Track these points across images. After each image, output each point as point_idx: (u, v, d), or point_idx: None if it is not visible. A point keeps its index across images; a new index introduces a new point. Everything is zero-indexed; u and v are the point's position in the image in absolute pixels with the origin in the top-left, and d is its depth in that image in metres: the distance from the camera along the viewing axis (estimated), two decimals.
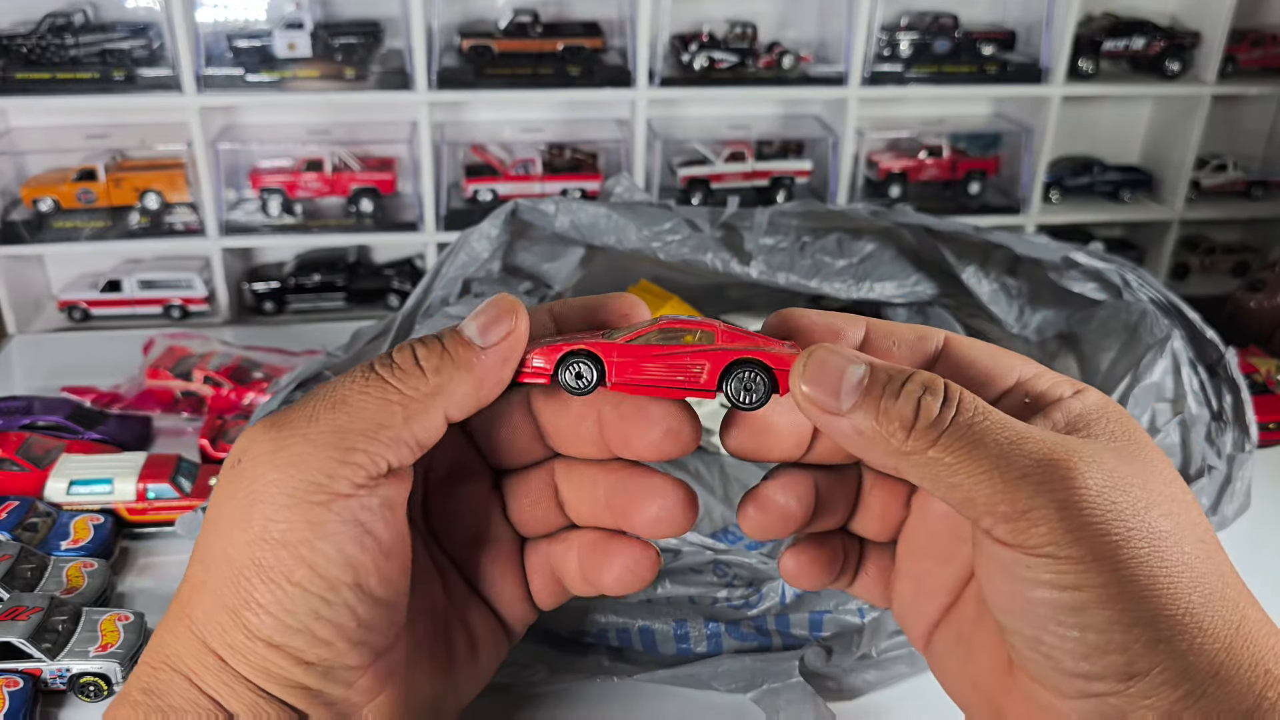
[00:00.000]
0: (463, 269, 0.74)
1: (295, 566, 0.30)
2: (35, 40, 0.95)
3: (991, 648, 0.32)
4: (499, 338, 0.32)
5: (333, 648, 0.31)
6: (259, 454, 0.31)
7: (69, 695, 0.54)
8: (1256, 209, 1.21)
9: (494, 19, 1.05)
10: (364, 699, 0.33)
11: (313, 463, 0.30)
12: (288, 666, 0.31)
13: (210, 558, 0.31)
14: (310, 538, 0.30)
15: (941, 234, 0.76)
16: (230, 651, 0.31)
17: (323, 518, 0.30)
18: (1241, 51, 1.13)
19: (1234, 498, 0.64)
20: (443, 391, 0.31)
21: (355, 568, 0.31)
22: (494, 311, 0.32)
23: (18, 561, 0.59)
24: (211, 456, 0.74)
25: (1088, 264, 0.72)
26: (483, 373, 0.32)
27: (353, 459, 0.30)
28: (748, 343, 0.32)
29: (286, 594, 0.30)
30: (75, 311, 1.03)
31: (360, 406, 0.31)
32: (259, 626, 0.30)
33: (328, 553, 0.30)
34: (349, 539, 0.31)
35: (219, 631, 0.31)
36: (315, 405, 0.31)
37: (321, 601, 0.30)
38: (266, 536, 0.30)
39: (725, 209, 0.76)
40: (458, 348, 0.32)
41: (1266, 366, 0.84)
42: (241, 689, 0.31)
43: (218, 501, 0.31)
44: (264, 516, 0.30)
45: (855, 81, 1.06)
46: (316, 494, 0.30)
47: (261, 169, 1.05)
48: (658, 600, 0.55)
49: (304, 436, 0.30)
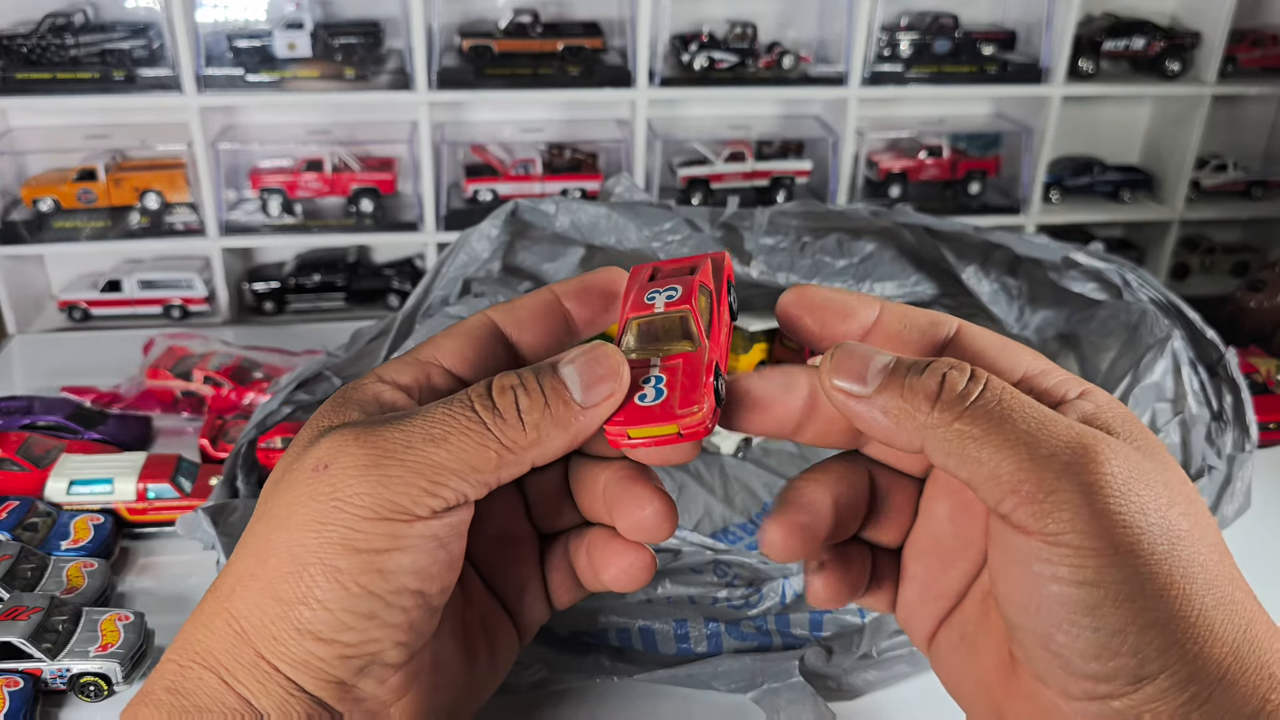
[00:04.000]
0: (463, 269, 0.74)
1: (365, 571, 0.30)
2: (35, 40, 0.95)
3: (994, 647, 0.32)
4: (600, 399, 0.32)
5: (380, 644, 0.31)
6: (350, 465, 0.31)
7: (69, 695, 0.54)
8: (1256, 209, 1.21)
9: (494, 19, 1.05)
10: (393, 697, 0.33)
11: (402, 487, 0.30)
12: (329, 660, 0.31)
13: (268, 552, 0.31)
14: (388, 548, 0.30)
15: (942, 234, 0.76)
16: (272, 643, 0.31)
17: (404, 533, 0.31)
18: (1242, 51, 1.13)
19: (1234, 498, 0.64)
20: (537, 446, 0.32)
21: (423, 577, 0.31)
22: (600, 370, 0.32)
23: (18, 561, 0.59)
24: (212, 456, 0.74)
25: (1088, 264, 0.71)
26: (578, 432, 0.32)
27: (440, 493, 0.31)
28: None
29: (349, 594, 0.30)
30: (75, 311, 1.03)
31: (459, 448, 0.31)
32: (311, 620, 0.30)
33: (402, 563, 0.31)
34: (424, 553, 0.31)
35: (265, 622, 0.31)
36: (412, 433, 0.31)
37: (382, 604, 0.31)
38: (344, 543, 0.30)
39: (725, 209, 0.76)
40: (559, 405, 0.32)
41: (1266, 366, 0.84)
42: (273, 685, 0.31)
43: (290, 500, 0.31)
44: (345, 525, 0.30)
45: (855, 81, 1.06)
46: (402, 514, 0.31)
47: (261, 169, 1.05)
48: (658, 600, 0.55)
49: (400, 462, 0.31)
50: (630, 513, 0.34)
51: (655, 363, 0.33)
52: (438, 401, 0.32)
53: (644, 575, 0.36)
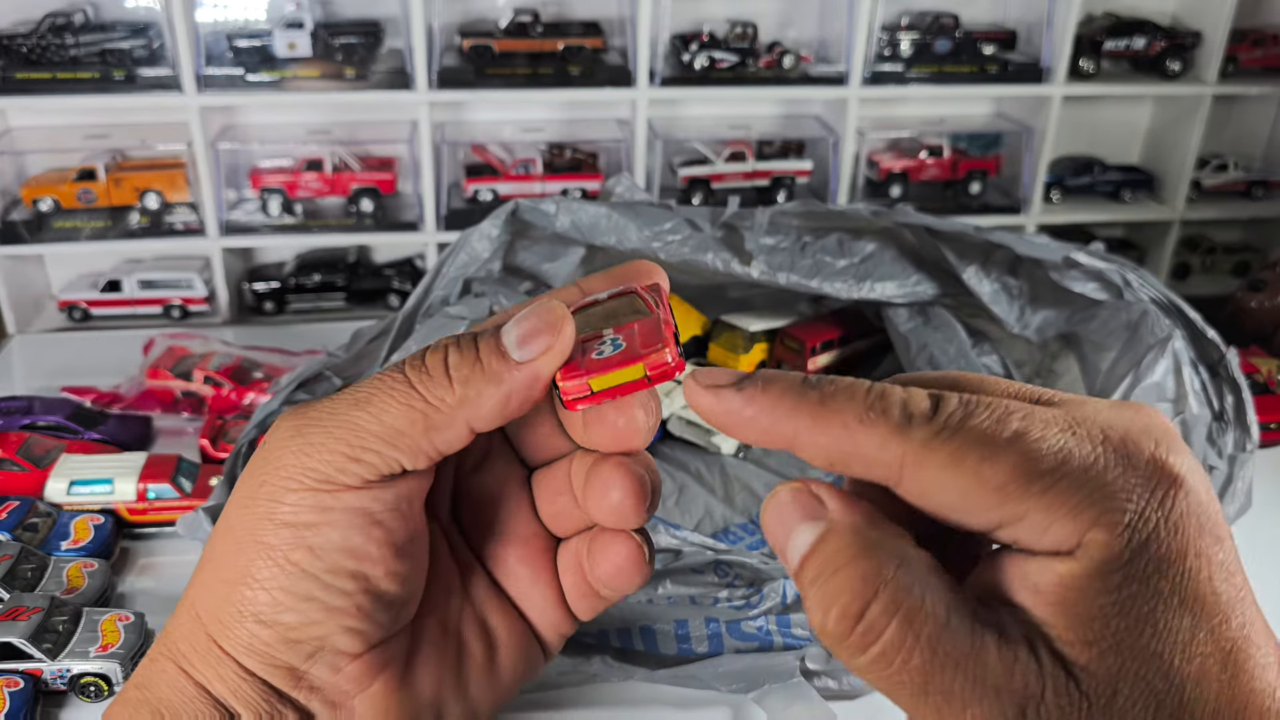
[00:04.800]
0: (463, 269, 0.74)
1: (295, 547, 0.30)
2: (35, 40, 0.95)
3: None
4: (534, 354, 0.30)
5: (324, 628, 0.31)
6: (280, 438, 0.31)
7: (69, 696, 0.54)
8: (1257, 209, 1.21)
9: (494, 19, 1.05)
10: (354, 687, 0.32)
11: (324, 454, 0.30)
12: (274, 644, 0.30)
13: (217, 534, 0.31)
14: (314, 522, 0.30)
15: (942, 234, 0.76)
16: (220, 626, 0.31)
17: (328, 504, 0.30)
18: (1242, 51, 1.13)
19: (1235, 498, 0.64)
20: (468, 403, 0.30)
21: (359, 557, 0.30)
22: (536, 322, 0.30)
23: (18, 562, 0.59)
24: (212, 457, 0.74)
25: (1089, 264, 0.71)
26: (511, 389, 0.30)
27: (364, 457, 0.30)
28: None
29: (284, 572, 0.30)
30: (75, 311, 1.03)
31: (382, 409, 0.30)
32: (252, 601, 0.30)
33: (331, 538, 0.30)
34: (354, 528, 0.30)
35: (214, 605, 0.31)
36: (339, 400, 0.31)
37: (318, 584, 0.30)
38: (272, 516, 0.30)
39: (726, 209, 0.76)
40: (491, 358, 0.30)
41: (1267, 366, 0.84)
42: (227, 670, 0.31)
43: (238, 482, 0.32)
44: (270, 498, 0.30)
45: (856, 81, 1.06)
46: (325, 483, 0.30)
47: (261, 169, 1.05)
48: (658, 600, 0.55)
49: (323, 428, 0.30)
50: (599, 500, 0.32)
51: (607, 331, 0.31)
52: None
53: (634, 571, 0.33)
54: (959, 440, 0.24)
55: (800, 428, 0.25)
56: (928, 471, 0.24)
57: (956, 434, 0.24)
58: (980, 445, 0.23)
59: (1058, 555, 0.23)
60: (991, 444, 0.23)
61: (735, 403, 0.26)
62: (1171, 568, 0.23)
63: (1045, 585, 0.23)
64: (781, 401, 0.26)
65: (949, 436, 0.24)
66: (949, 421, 0.24)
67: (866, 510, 0.25)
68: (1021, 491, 0.23)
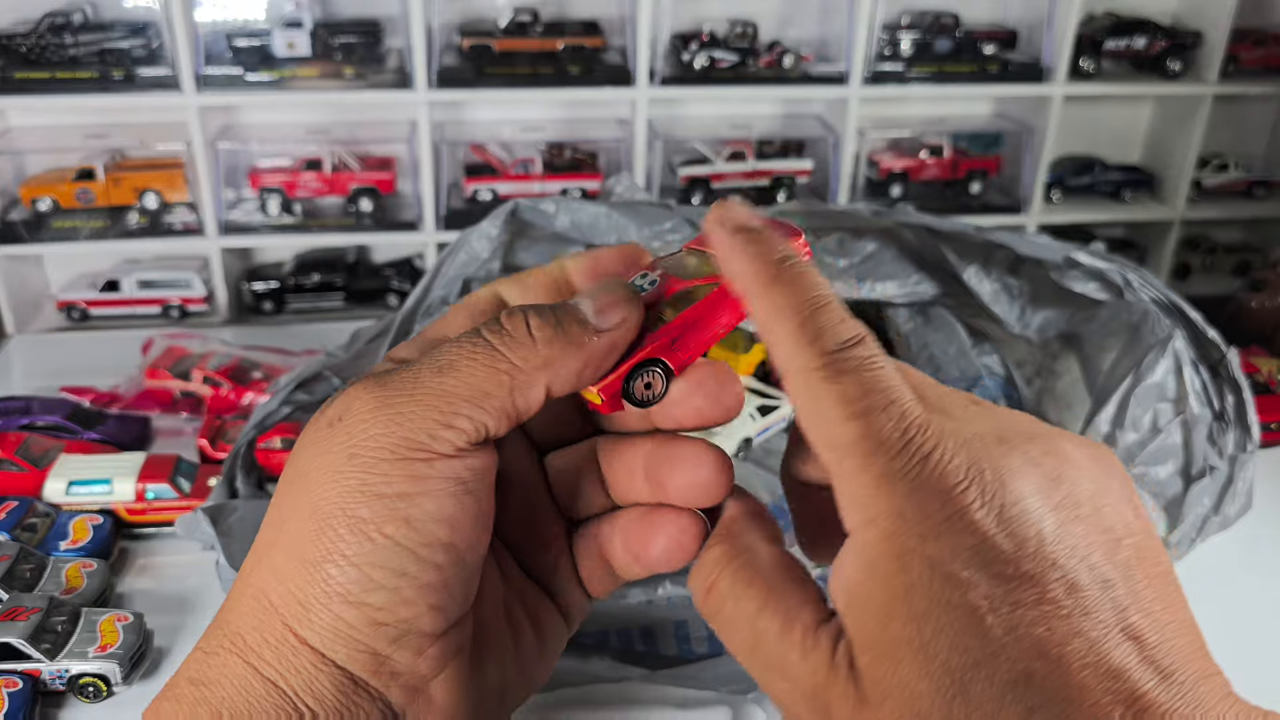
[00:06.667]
0: (463, 268, 0.73)
1: (389, 520, 0.29)
2: (34, 40, 0.95)
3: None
4: (614, 323, 0.31)
5: (414, 608, 0.30)
6: (361, 411, 0.30)
7: (68, 696, 0.54)
8: (1258, 209, 1.21)
9: (494, 18, 1.05)
10: (431, 670, 0.31)
11: (416, 422, 0.29)
12: (361, 626, 0.29)
13: (287, 515, 0.30)
14: (411, 491, 0.29)
15: (943, 234, 0.76)
16: (299, 610, 0.29)
17: (424, 473, 0.29)
18: (1243, 51, 1.13)
19: (1236, 498, 0.63)
20: (551, 365, 0.30)
21: (453, 526, 0.30)
22: (612, 296, 0.31)
23: (17, 562, 0.59)
24: (210, 457, 0.74)
25: (1089, 264, 0.71)
26: (590, 355, 0.31)
27: (456, 423, 0.29)
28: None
29: (376, 546, 0.29)
30: (74, 311, 1.03)
31: (468, 372, 0.30)
32: (340, 579, 0.29)
33: (428, 508, 0.29)
34: (449, 496, 0.30)
35: (291, 588, 0.29)
36: (420, 369, 0.30)
37: (412, 558, 0.29)
38: (364, 489, 0.29)
39: None
40: (571, 324, 0.31)
41: (1268, 366, 0.84)
42: (302, 661, 0.29)
43: (307, 459, 0.30)
44: (363, 470, 0.29)
45: (856, 81, 1.06)
46: (420, 451, 0.29)
47: (261, 168, 1.05)
48: (658, 600, 0.55)
49: (410, 396, 0.30)
50: (680, 473, 0.33)
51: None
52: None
53: (693, 544, 0.34)
54: (851, 380, 0.27)
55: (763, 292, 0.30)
56: (819, 387, 0.27)
57: (849, 374, 0.27)
58: (869, 394, 0.27)
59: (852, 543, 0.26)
60: (872, 396, 0.27)
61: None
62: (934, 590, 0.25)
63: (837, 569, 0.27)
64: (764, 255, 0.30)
65: (847, 370, 0.27)
66: (848, 362, 0.27)
67: (746, 512, 0.33)
68: (854, 452, 0.26)
